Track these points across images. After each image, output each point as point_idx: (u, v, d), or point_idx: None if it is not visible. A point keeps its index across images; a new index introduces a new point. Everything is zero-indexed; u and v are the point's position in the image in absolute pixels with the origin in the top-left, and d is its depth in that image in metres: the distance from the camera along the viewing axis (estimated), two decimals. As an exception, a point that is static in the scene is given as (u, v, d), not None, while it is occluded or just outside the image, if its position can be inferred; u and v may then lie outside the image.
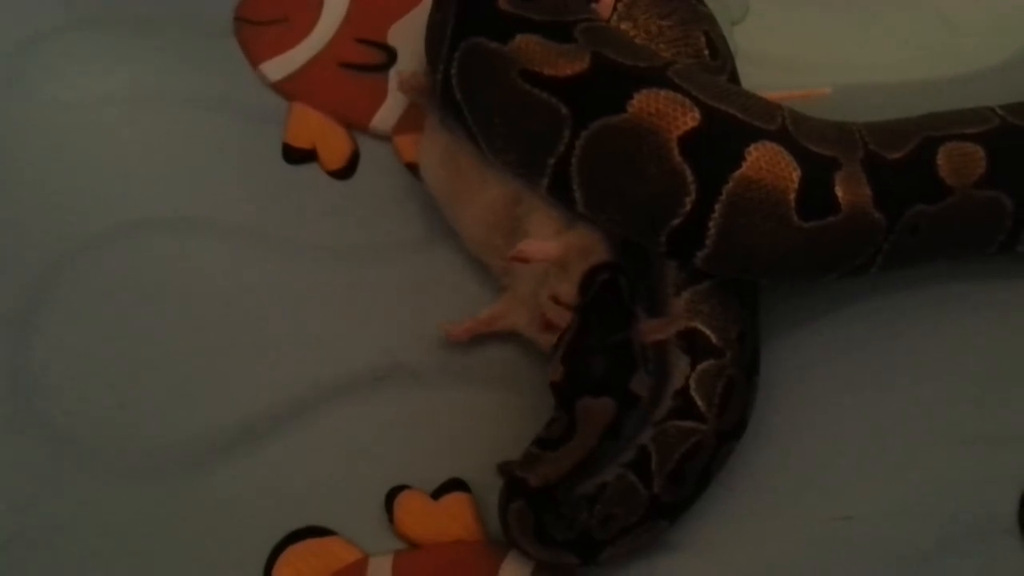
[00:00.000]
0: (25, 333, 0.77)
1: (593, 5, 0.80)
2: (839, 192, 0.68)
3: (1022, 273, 0.81)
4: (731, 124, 0.68)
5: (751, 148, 0.67)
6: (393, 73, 0.88)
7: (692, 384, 0.72)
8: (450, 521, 0.72)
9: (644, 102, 0.67)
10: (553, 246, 0.72)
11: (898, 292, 0.81)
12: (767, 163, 0.67)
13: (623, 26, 0.81)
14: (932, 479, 0.74)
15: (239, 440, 0.74)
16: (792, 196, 0.67)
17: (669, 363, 0.73)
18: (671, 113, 0.67)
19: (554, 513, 0.68)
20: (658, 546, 0.71)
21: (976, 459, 0.75)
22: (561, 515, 0.68)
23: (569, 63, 0.69)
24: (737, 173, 0.67)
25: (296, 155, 0.85)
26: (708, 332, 0.72)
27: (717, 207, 0.67)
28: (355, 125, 0.87)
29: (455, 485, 0.73)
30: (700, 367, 0.72)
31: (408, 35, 0.89)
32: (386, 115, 0.87)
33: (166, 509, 0.72)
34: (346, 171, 0.85)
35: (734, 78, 0.81)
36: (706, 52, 0.80)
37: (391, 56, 0.89)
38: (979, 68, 0.91)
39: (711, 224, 0.68)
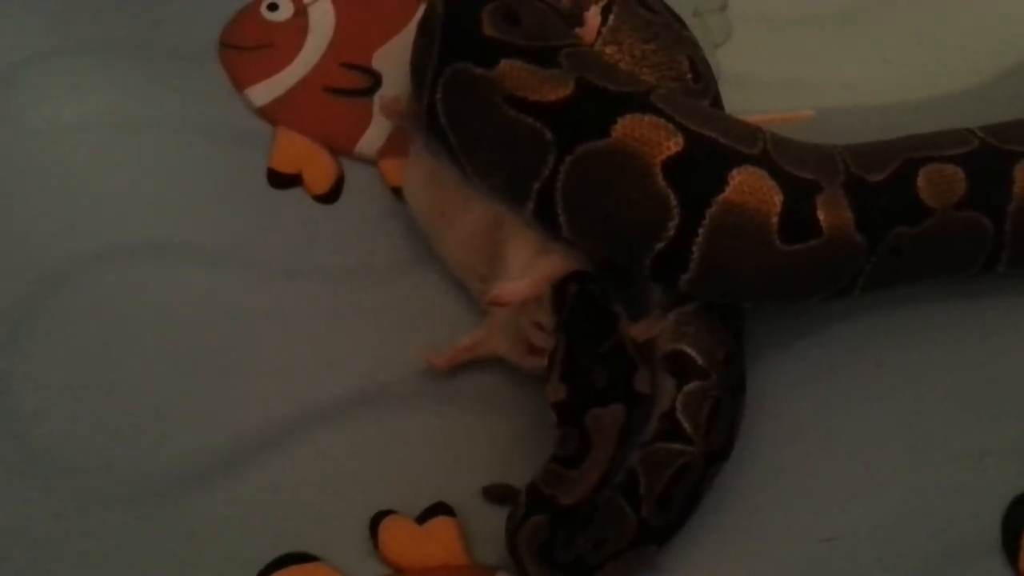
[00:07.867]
0: (8, 356, 0.77)
1: (578, 30, 0.81)
2: (821, 215, 0.69)
3: (1003, 293, 0.82)
4: (714, 148, 0.68)
5: (734, 172, 0.67)
6: (377, 98, 0.88)
7: (679, 406, 0.72)
8: (435, 546, 0.71)
9: (628, 127, 0.68)
10: (524, 285, 0.72)
11: (881, 312, 0.81)
12: (750, 187, 0.67)
13: (607, 50, 0.82)
14: (917, 498, 0.74)
15: (222, 465, 0.74)
16: (774, 220, 0.68)
17: (655, 385, 0.73)
18: (654, 138, 0.67)
19: (566, 533, 0.68)
20: (644, 569, 0.71)
21: (960, 478, 0.75)
22: (568, 536, 0.68)
23: (553, 88, 0.69)
24: (720, 197, 0.67)
25: (281, 180, 0.86)
26: (694, 354, 0.73)
27: (701, 231, 0.68)
28: (340, 149, 0.87)
29: (440, 509, 0.72)
30: (686, 389, 0.72)
31: (393, 60, 0.89)
32: (371, 139, 0.87)
33: (148, 535, 0.72)
34: (331, 195, 0.85)
35: (717, 102, 0.81)
36: (689, 76, 0.81)
37: (376, 81, 0.90)
38: (959, 89, 0.92)
39: (695, 248, 0.68)
